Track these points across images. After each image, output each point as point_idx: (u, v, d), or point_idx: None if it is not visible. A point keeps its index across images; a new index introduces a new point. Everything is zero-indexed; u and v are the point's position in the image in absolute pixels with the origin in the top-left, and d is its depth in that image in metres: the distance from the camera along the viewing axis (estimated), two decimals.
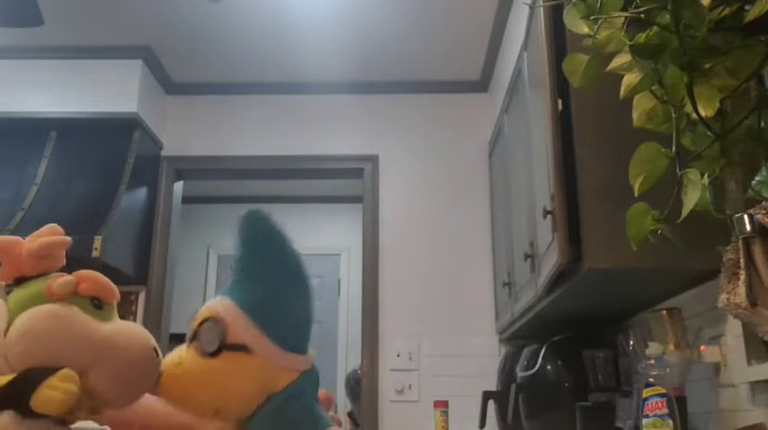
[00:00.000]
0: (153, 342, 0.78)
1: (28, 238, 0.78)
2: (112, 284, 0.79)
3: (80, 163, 3.07)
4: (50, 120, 3.09)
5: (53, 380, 0.67)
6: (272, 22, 2.92)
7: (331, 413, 0.79)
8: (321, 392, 0.79)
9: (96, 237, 2.66)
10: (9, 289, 0.77)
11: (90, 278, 0.77)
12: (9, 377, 0.68)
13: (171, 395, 0.71)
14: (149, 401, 0.97)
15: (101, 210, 2.84)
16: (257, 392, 0.71)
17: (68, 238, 0.79)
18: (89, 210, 2.87)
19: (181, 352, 0.74)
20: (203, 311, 0.74)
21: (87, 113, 3.08)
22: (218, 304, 0.74)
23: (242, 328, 0.71)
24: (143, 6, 2.83)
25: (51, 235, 0.78)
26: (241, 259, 0.76)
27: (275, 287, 0.75)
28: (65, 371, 0.69)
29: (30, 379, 0.68)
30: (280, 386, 0.71)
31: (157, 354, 0.77)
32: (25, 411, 0.66)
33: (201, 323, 0.73)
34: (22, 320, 0.72)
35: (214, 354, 0.71)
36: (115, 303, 0.80)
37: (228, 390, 0.70)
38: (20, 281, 0.77)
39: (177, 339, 0.74)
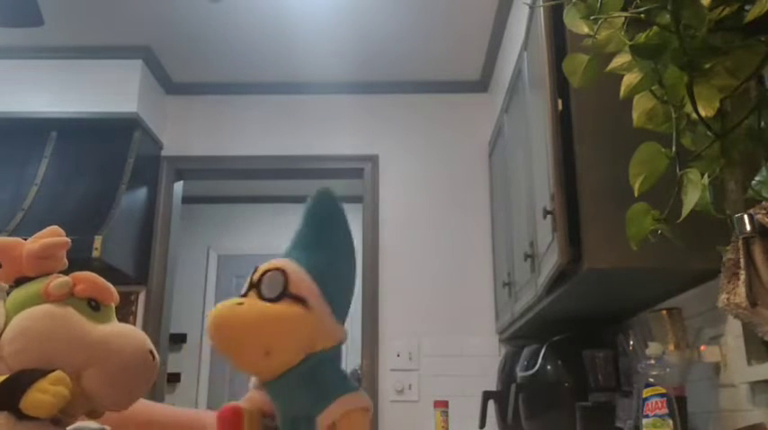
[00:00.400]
0: (149, 345, 0.77)
1: (29, 240, 0.78)
2: (110, 286, 0.78)
3: (80, 163, 3.07)
4: (50, 120, 3.09)
5: (43, 383, 0.67)
6: (272, 22, 2.92)
7: None
8: None
9: (96, 237, 2.66)
10: (10, 290, 0.77)
11: (87, 279, 0.76)
12: (0, 378, 0.68)
13: (226, 332, 0.72)
14: (148, 405, 0.97)
15: (101, 210, 2.84)
16: (304, 345, 0.73)
17: (69, 240, 0.79)
18: (89, 210, 2.87)
19: (237, 298, 0.75)
20: (265, 265, 0.76)
21: (87, 113, 3.08)
22: (280, 261, 0.76)
23: (303, 283, 0.74)
24: (143, 6, 2.83)
25: (53, 236, 0.78)
26: (307, 229, 0.80)
27: (336, 257, 0.78)
28: (56, 374, 0.68)
29: (20, 381, 0.67)
30: (319, 347, 0.74)
31: (154, 357, 0.77)
32: (18, 413, 0.66)
33: (264, 274, 0.75)
34: (17, 320, 0.72)
35: (275, 300, 0.73)
36: (113, 305, 0.79)
37: (283, 335, 0.72)
38: (20, 282, 0.77)
39: (177, 339, 0.74)
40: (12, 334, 0.71)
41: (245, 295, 0.75)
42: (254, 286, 0.74)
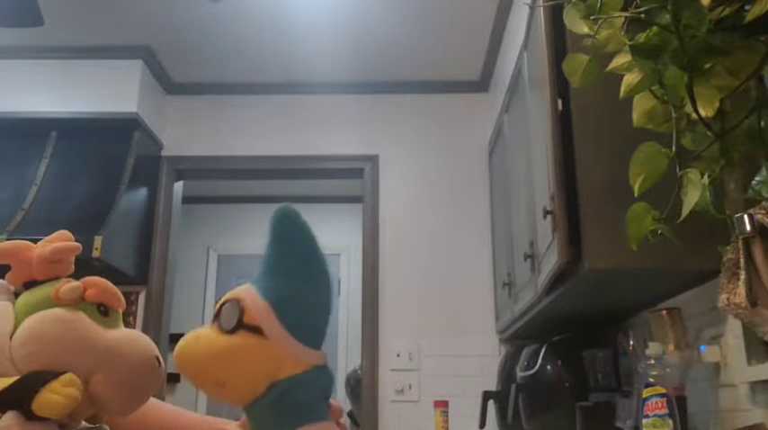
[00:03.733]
0: (156, 351, 0.78)
1: (39, 243, 0.78)
2: (119, 292, 0.79)
3: (80, 163, 3.07)
4: (50, 120, 3.09)
5: (55, 384, 0.67)
6: (272, 22, 2.92)
7: (341, 420, 0.81)
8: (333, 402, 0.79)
9: (96, 237, 2.65)
10: (18, 293, 0.77)
11: (97, 284, 0.77)
12: (12, 379, 0.68)
13: (183, 363, 0.74)
14: (160, 408, 0.96)
15: (101, 210, 2.84)
16: (264, 375, 0.73)
17: (79, 245, 0.79)
18: (89, 210, 2.87)
19: (201, 330, 0.75)
20: (226, 295, 0.76)
21: (87, 113, 3.08)
22: (241, 289, 0.77)
23: (259, 312, 0.74)
24: (143, 6, 2.83)
25: (62, 241, 0.78)
26: (270, 253, 0.78)
27: (297, 281, 0.77)
28: (68, 376, 0.69)
29: (32, 382, 0.68)
30: (284, 374, 0.73)
31: (160, 363, 0.78)
32: (28, 413, 0.66)
33: (223, 305, 0.76)
34: (28, 323, 0.72)
35: (231, 332, 0.73)
36: (120, 311, 0.80)
37: (237, 365, 0.73)
38: (29, 285, 0.77)
39: (177, 339, 0.76)
40: (23, 337, 0.71)
41: (212, 322, 0.75)
42: (216, 317, 0.75)
